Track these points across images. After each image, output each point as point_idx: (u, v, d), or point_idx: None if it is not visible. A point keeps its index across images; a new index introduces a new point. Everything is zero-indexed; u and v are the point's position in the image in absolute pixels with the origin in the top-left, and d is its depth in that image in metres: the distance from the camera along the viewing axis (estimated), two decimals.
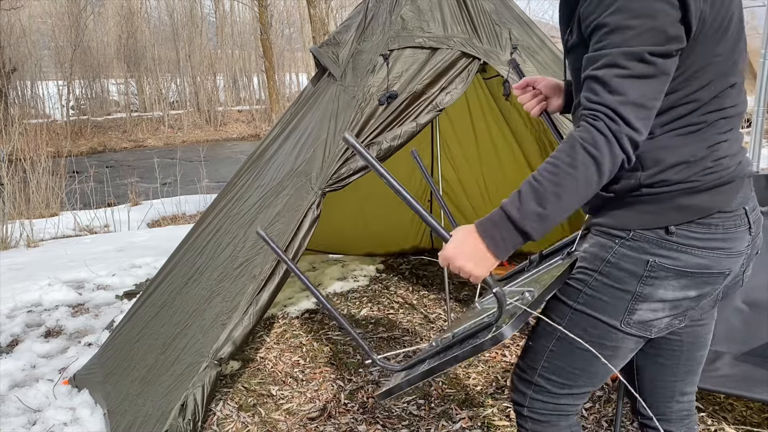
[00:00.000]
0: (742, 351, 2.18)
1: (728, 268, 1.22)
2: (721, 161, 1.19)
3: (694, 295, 1.23)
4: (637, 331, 1.25)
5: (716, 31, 1.13)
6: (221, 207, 2.68)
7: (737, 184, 1.22)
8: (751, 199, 1.26)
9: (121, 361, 2.53)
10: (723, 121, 1.20)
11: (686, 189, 1.18)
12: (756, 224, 1.26)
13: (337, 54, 2.64)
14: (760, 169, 4.19)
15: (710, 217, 1.19)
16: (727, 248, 1.21)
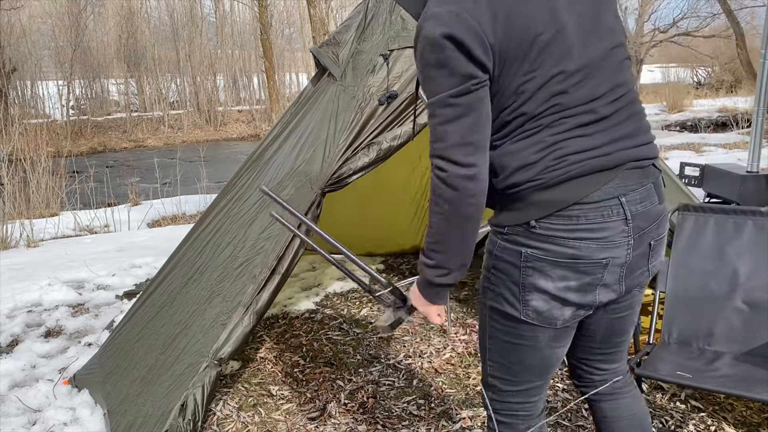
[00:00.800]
0: (742, 351, 2.18)
1: (605, 258, 1.29)
2: (567, 158, 1.28)
3: (576, 285, 1.31)
4: (540, 322, 1.35)
5: (522, 54, 1.23)
6: (221, 207, 2.68)
7: (600, 176, 1.28)
8: (637, 191, 1.31)
9: (121, 361, 2.53)
10: (564, 120, 1.28)
11: (535, 186, 1.29)
12: (640, 216, 1.31)
13: (337, 54, 2.64)
14: (760, 169, 4.18)
15: (568, 209, 1.28)
16: (596, 238, 1.28)
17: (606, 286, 1.33)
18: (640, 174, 1.33)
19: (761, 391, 1.85)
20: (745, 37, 19.58)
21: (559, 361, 1.44)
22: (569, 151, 1.28)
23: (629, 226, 1.30)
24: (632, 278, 1.37)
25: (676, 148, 11.44)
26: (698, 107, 18.29)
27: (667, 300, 2.38)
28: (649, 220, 1.34)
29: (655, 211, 1.35)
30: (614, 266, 1.31)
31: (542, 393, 1.48)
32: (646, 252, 1.36)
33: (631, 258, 1.33)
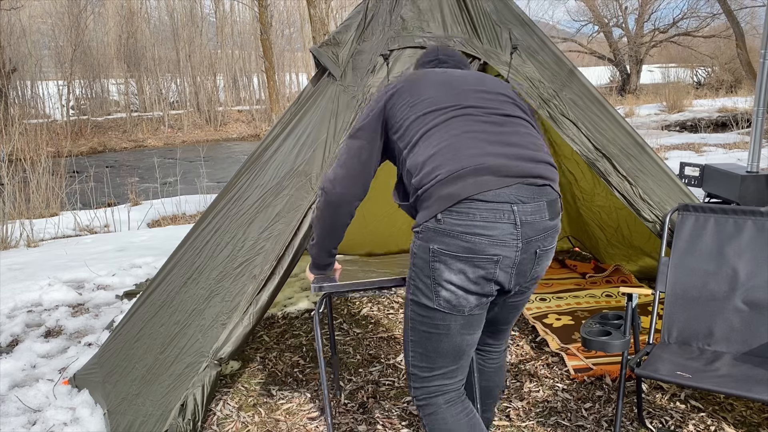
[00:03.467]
0: (742, 351, 2.18)
1: (495, 254, 1.51)
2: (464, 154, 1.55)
3: (473, 277, 1.53)
4: (451, 310, 1.57)
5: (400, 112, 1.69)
6: (221, 207, 2.68)
7: (495, 180, 1.51)
8: (528, 204, 1.53)
9: (121, 361, 2.53)
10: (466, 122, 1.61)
11: (438, 182, 1.53)
12: (528, 225, 1.53)
13: (336, 54, 2.64)
14: (760, 170, 4.18)
15: (465, 205, 1.50)
16: (488, 235, 1.50)
17: (499, 282, 1.55)
18: (535, 191, 1.55)
19: (761, 391, 1.85)
20: (744, 37, 19.57)
21: (470, 347, 1.65)
22: (443, 157, 1.55)
23: (518, 230, 1.51)
24: (520, 279, 1.59)
25: (676, 148, 11.45)
26: (698, 107, 18.29)
27: (666, 300, 2.38)
28: (536, 231, 1.55)
29: (544, 225, 1.56)
30: (505, 264, 1.53)
31: (459, 375, 1.68)
32: (533, 259, 1.58)
33: (519, 260, 1.54)
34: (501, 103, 1.68)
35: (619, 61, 26.18)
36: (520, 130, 1.64)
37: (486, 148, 1.56)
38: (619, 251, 3.94)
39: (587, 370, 2.70)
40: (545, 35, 2.68)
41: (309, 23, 13.93)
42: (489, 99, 1.68)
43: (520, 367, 2.81)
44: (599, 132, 2.61)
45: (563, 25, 68.00)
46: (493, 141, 1.58)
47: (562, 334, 3.05)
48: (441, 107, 1.64)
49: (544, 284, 3.81)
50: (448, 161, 1.54)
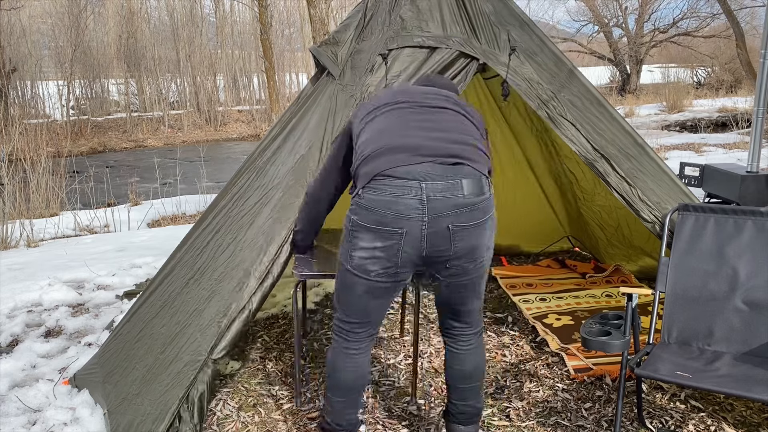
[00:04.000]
0: (742, 351, 2.18)
1: (401, 227, 1.69)
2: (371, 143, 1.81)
3: (381, 246, 1.74)
4: (360, 273, 1.81)
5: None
6: (221, 207, 2.68)
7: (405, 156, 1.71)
8: (440, 182, 1.68)
9: (121, 361, 2.53)
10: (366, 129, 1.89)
11: (362, 161, 1.79)
12: (437, 200, 1.67)
13: (336, 53, 2.64)
14: (760, 170, 4.18)
15: (377, 181, 1.71)
16: (394, 209, 1.68)
17: (407, 252, 1.73)
18: (448, 169, 1.70)
19: (761, 391, 1.85)
20: (744, 37, 19.56)
21: (375, 310, 1.90)
22: (389, 132, 1.77)
23: (423, 206, 1.67)
24: (438, 252, 1.74)
25: (676, 148, 11.45)
26: (698, 107, 18.29)
27: (666, 300, 2.38)
28: (447, 207, 1.68)
29: (456, 201, 1.69)
30: (412, 238, 1.70)
31: (366, 329, 1.95)
32: (447, 235, 1.71)
33: (427, 234, 1.69)
34: (436, 100, 1.87)
35: (619, 61, 26.18)
36: (446, 117, 1.81)
37: (406, 131, 1.76)
38: (619, 251, 3.94)
39: (587, 370, 2.70)
40: (545, 35, 2.68)
41: (309, 23, 13.93)
42: (426, 96, 1.88)
43: (520, 367, 2.81)
44: (598, 133, 2.60)
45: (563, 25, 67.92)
46: (414, 125, 1.77)
47: (562, 334, 3.05)
48: (381, 105, 1.89)
49: (544, 284, 3.81)
50: (372, 143, 1.77)
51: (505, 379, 2.71)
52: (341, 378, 1.97)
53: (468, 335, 2.02)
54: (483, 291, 1.97)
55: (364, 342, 1.99)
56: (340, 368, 1.98)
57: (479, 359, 2.04)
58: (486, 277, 1.94)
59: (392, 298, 1.94)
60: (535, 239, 4.49)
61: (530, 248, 4.50)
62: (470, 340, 2.03)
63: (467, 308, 1.96)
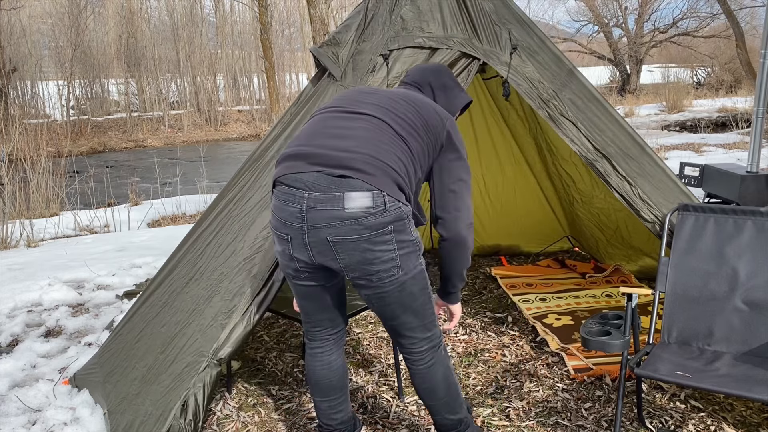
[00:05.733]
0: (742, 351, 2.18)
1: (285, 233, 1.73)
2: (294, 142, 1.80)
3: (280, 249, 1.79)
4: (283, 271, 1.86)
5: None
6: (222, 207, 2.68)
7: (296, 164, 1.72)
8: (323, 193, 1.66)
9: (121, 361, 2.53)
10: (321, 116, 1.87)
11: (275, 164, 1.80)
12: (316, 211, 1.66)
13: (336, 54, 2.64)
14: (760, 170, 4.18)
15: (277, 187, 1.76)
16: (279, 216, 1.73)
17: (298, 257, 1.75)
18: (333, 181, 1.66)
19: (761, 391, 1.85)
20: (744, 37, 19.57)
21: (314, 312, 1.94)
22: (299, 138, 1.79)
23: (302, 215, 1.68)
24: (326, 261, 1.73)
25: (675, 148, 11.46)
26: (698, 107, 18.29)
27: (666, 300, 2.38)
28: (325, 219, 1.66)
29: (333, 214, 1.66)
30: (297, 244, 1.72)
31: (317, 329, 1.99)
32: (328, 246, 1.69)
33: (309, 242, 1.70)
34: (365, 105, 1.81)
35: (619, 61, 26.19)
36: (359, 125, 1.75)
37: (312, 139, 1.75)
38: (619, 251, 3.95)
39: (587, 370, 2.71)
40: (545, 35, 2.68)
41: (309, 23, 13.93)
42: (358, 102, 1.83)
43: (520, 367, 2.81)
44: (598, 132, 2.61)
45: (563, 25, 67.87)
46: (322, 132, 1.76)
47: (562, 334, 3.05)
48: (321, 108, 1.89)
49: (544, 284, 3.81)
50: (285, 147, 1.81)
51: (505, 379, 2.71)
52: (313, 377, 2.01)
53: (419, 352, 1.90)
54: (421, 309, 1.84)
55: (327, 341, 2.01)
56: (311, 368, 2.01)
57: (438, 376, 1.92)
58: (424, 297, 1.83)
59: (332, 299, 1.93)
60: (535, 239, 4.50)
61: (530, 248, 4.50)
62: (423, 357, 1.91)
63: (399, 322, 1.85)
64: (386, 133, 1.75)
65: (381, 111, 1.79)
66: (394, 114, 1.79)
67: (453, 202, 1.87)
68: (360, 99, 1.85)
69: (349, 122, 1.77)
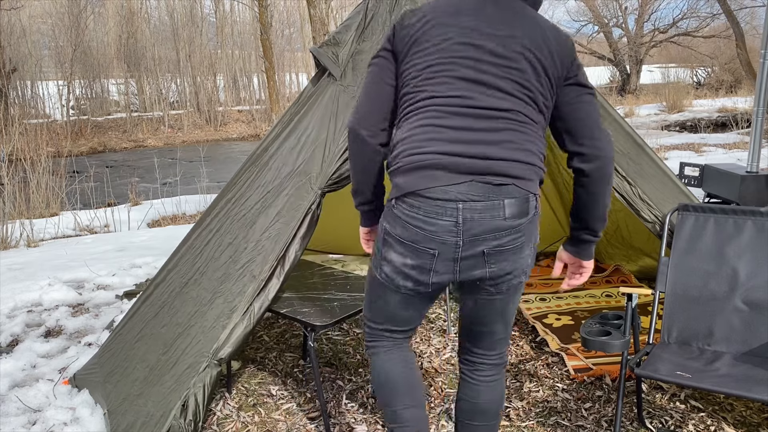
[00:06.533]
0: (742, 351, 2.19)
1: (432, 248, 1.54)
2: (409, 149, 1.55)
3: (412, 264, 1.58)
4: (389, 283, 1.66)
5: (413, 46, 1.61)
6: (221, 207, 2.68)
7: (445, 175, 1.51)
8: (480, 202, 1.50)
9: (122, 361, 2.53)
10: (433, 109, 1.55)
11: (396, 169, 1.58)
12: (475, 223, 1.50)
13: (336, 54, 2.64)
14: (760, 170, 4.18)
15: (412, 197, 1.54)
16: (427, 230, 1.53)
17: (438, 273, 1.58)
18: (489, 189, 1.51)
19: (761, 391, 1.85)
20: (744, 37, 19.57)
21: (407, 321, 1.76)
22: (425, 138, 1.53)
23: (458, 229, 1.51)
24: (471, 275, 1.58)
25: (675, 148, 11.46)
26: (698, 107, 18.30)
27: (666, 300, 2.38)
28: (485, 230, 1.51)
29: (495, 224, 1.52)
30: (444, 259, 1.55)
31: (399, 333, 1.80)
32: (482, 258, 1.55)
33: (461, 256, 1.54)
34: (494, 94, 1.54)
35: (619, 61, 26.19)
36: (500, 125, 1.53)
37: (446, 147, 1.51)
38: (619, 251, 3.94)
39: (587, 370, 2.71)
40: None
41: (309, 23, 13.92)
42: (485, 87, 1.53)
43: (520, 367, 2.81)
44: None
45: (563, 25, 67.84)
46: (457, 139, 1.52)
47: (562, 334, 3.05)
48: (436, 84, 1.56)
49: (544, 284, 3.81)
50: (410, 151, 1.55)
51: (506, 379, 2.71)
52: (392, 381, 1.77)
53: (487, 365, 1.78)
54: (511, 319, 1.75)
55: (404, 341, 1.84)
56: (388, 373, 1.78)
57: (496, 396, 1.79)
58: (517, 304, 1.74)
59: (429, 306, 1.76)
60: None
61: None
62: (488, 372, 1.78)
63: (489, 330, 1.74)
64: (525, 126, 1.56)
65: (511, 98, 1.54)
66: (522, 89, 1.55)
67: (596, 126, 1.63)
68: (483, 80, 1.53)
69: (485, 122, 1.53)
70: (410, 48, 1.59)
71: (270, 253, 2.32)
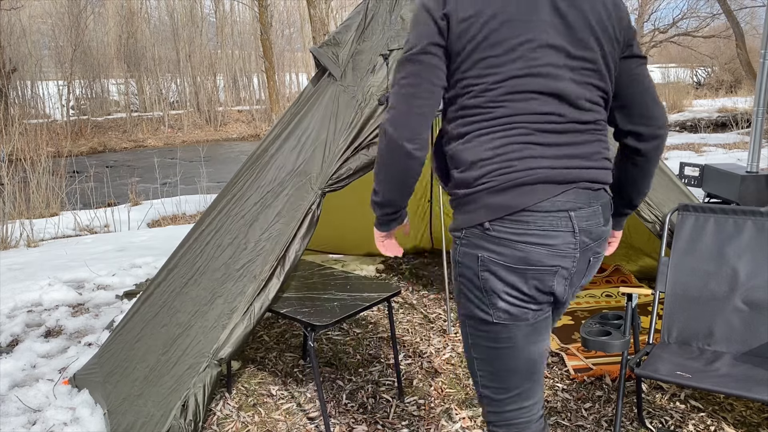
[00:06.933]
0: (742, 351, 2.19)
1: (554, 265, 1.35)
2: (516, 163, 1.34)
3: (526, 289, 1.36)
4: (512, 321, 1.38)
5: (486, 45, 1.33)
6: (221, 207, 2.68)
7: (550, 188, 1.34)
8: (584, 209, 1.37)
9: (122, 361, 2.53)
10: (522, 125, 1.35)
11: (486, 189, 1.35)
12: (585, 232, 1.37)
13: (337, 54, 2.64)
14: (760, 170, 4.18)
15: (518, 214, 1.33)
16: (547, 244, 1.34)
17: (554, 293, 1.39)
18: (590, 195, 1.39)
19: (761, 391, 1.85)
20: (744, 37, 19.56)
21: (542, 357, 1.45)
22: (520, 155, 1.34)
23: (576, 239, 1.36)
24: (573, 290, 1.44)
25: (675, 148, 11.46)
26: (698, 107, 18.30)
27: (666, 300, 2.38)
28: (592, 238, 1.40)
29: (599, 230, 1.41)
30: (561, 275, 1.37)
31: (536, 395, 1.47)
32: (584, 268, 1.42)
33: (575, 270, 1.39)
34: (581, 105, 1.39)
35: None
36: (584, 138, 1.41)
37: (540, 162, 1.35)
38: (619, 251, 3.95)
39: (587, 370, 2.71)
40: None
41: (309, 23, 13.93)
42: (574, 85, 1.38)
43: None
44: None
45: None
46: (548, 155, 1.36)
47: (562, 334, 3.05)
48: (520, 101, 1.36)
49: None
50: (501, 171, 1.34)
51: None
52: None
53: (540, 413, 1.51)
54: None
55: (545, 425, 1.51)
56: None
57: None
58: None
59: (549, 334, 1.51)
60: None
61: None
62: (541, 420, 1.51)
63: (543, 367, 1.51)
64: (602, 133, 1.46)
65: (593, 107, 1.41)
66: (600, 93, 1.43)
67: (653, 102, 1.49)
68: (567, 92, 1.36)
69: (571, 137, 1.39)
70: (474, 50, 1.34)
71: (270, 254, 2.31)
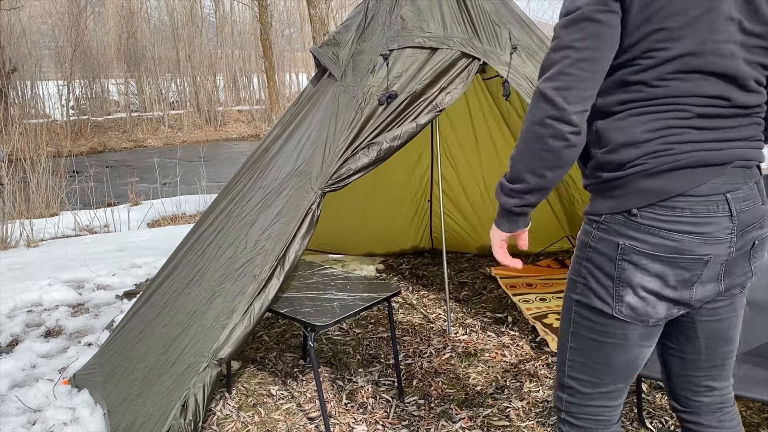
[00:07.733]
0: (742, 351, 2.18)
1: (706, 254, 1.24)
2: (676, 146, 1.23)
3: (673, 281, 1.25)
4: (633, 319, 1.29)
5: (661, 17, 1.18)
6: (222, 207, 2.68)
7: (708, 170, 1.23)
8: (741, 189, 1.27)
9: (122, 362, 2.53)
10: (684, 106, 1.23)
11: (640, 172, 1.24)
12: (743, 213, 1.26)
13: (337, 54, 2.64)
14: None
15: (673, 200, 1.23)
16: (700, 233, 1.23)
17: (703, 283, 1.28)
18: (745, 173, 1.29)
19: (761, 391, 1.85)
20: None
21: (644, 361, 1.37)
22: (680, 139, 1.24)
23: (734, 223, 1.25)
24: (732, 278, 1.32)
25: None
26: None
27: None
28: (752, 219, 1.29)
29: (759, 210, 1.30)
30: (714, 264, 1.26)
31: (623, 397, 1.40)
32: (748, 251, 1.31)
33: (733, 256, 1.28)
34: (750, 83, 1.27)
35: None
36: (746, 122, 1.31)
37: (699, 146, 1.26)
38: None
39: None
40: (545, 35, 2.68)
41: (309, 23, 13.93)
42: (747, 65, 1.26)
43: (520, 367, 2.81)
44: None
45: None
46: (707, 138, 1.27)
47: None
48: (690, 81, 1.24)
49: (544, 284, 3.81)
50: (658, 153, 1.24)
51: (505, 379, 2.71)
52: None
53: (727, 402, 1.43)
54: None
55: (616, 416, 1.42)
56: None
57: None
58: None
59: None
60: (535, 239, 4.49)
61: (530, 248, 4.50)
62: (734, 410, 1.44)
63: (733, 346, 1.42)
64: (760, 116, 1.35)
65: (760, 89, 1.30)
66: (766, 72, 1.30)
67: None
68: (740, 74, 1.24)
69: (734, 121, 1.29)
70: (649, 20, 1.19)
71: (270, 253, 2.31)
